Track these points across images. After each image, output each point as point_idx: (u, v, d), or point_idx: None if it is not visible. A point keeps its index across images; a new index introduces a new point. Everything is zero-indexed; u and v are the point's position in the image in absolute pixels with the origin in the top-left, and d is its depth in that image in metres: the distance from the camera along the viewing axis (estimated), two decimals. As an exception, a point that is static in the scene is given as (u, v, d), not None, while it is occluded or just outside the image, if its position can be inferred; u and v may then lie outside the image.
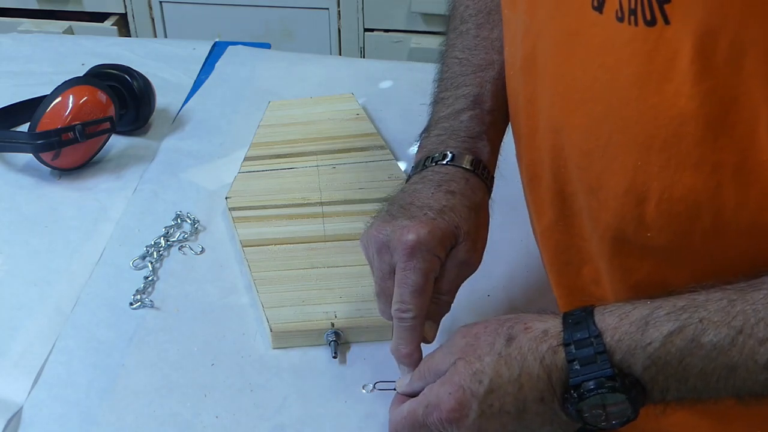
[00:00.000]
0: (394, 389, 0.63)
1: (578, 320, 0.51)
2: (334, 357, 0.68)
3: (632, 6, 0.47)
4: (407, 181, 0.67)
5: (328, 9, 2.02)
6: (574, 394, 0.50)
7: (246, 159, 0.91)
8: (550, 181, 0.60)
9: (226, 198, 0.85)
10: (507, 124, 0.70)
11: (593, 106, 0.52)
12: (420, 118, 0.79)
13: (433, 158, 0.65)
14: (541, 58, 0.57)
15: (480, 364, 0.53)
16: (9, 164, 0.92)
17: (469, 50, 0.71)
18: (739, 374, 0.46)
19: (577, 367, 0.50)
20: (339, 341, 0.69)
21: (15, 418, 0.64)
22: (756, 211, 0.48)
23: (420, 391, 0.57)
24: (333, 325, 0.69)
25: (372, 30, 2.01)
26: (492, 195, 0.68)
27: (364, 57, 2.02)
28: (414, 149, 0.70)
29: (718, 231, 0.49)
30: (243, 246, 0.78)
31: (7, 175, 0.90)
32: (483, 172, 0.65)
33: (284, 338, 0.70)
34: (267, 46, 1.22)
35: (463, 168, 0.64)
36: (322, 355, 0.69)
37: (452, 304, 0.64)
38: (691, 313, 0.48)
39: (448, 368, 0.55)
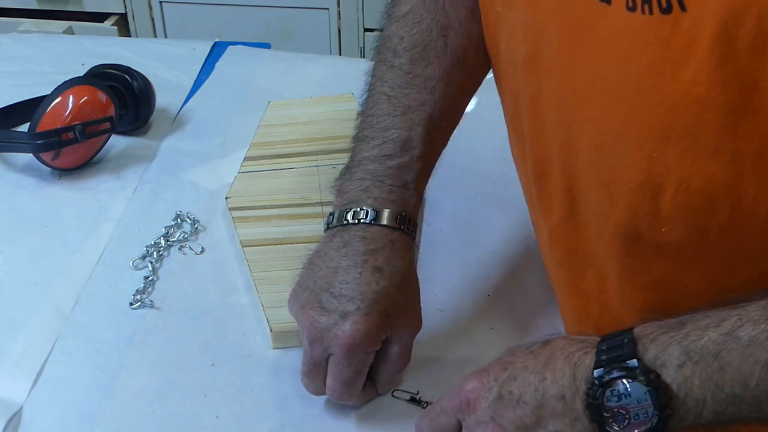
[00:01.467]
0: (408, 400, 0.64)
1: (617, 332, 0.50)
2: (334, 357, 0.68)
3: None
4: (325, 229, 0.66)
5: (328, 9, 2.02)
6: (596, 384, 0.48)
7: (246, 159, 0.91)
8: (559, 177, 0.58)
9: (226, 198, 0.85)
10: (433, 167, 0.69)
11: (605, 98, 0.51)
12: (420, 118, 0.79)
13: (354, 212, 0.63)
14: (546, 54, 0.56)
15: (510, 357, 0.53)
16: (9, 164, 0.92)
17: (400, 88, 0.67)
18: None
19: (603, 357, 0.48)
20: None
21: (15, 418, 0.64)
22: None
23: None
24: (333, 325, 0.69)
25: (372, 30, 2.01)
26: (492, 195, 0.68)
27: (364, 57, 2.02)
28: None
29: (734, 225, 0.48)
30: (243, 246, 0.78)
31: (7, 175, 0.90)
32: (408, 227, 0.64)
33: (284, 338, 0.70)
34: (267, 46, 1.22)
35: (388, 227, 0.63)
36: (322, 355, 0.69)
37: (447, 310, 0.64)
38: (729, 311, 0.46)
39: None
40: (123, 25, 2.12)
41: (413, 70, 0.67)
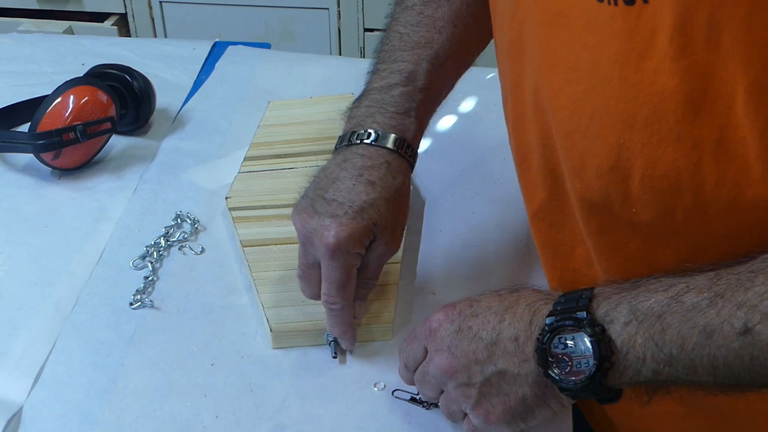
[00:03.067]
0: (409, 400, 0.64)
1: (579, 290, 0.53)
2: (334, 357, 0.68)
3: None
4: (333, 152, 0.69)
5: (328, 9, 2.02)
6: (546, 329, 0.51)
7: (246, 159, 0.91)
8: (540, 162, 0.61)
9: (226, 198, 0.85)
10: (439, 102, 0.73)
11: (576, 86, 0.53)
12: (420, 118, 0.79)
13: (358, 134, 0.68)
14: (527, 41, 0.58)
15: (479, 297, 0.57)
16: (9, 164, 0.92)
17: (411, 26, 0.73)
18: (714, 341, 0.46)
19: (558, 308, 0.52)
20: (339, 341, 0.69)
21: (15, 418, 0.64)
22: (735, 188, 0.49)
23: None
24: (333, 325, 0.69)
25: (372, 30, 2.01)
26: (492, 195, 0.69)
27: (364, 57, 2.02)
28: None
29: (699, 208, 0.50)
30: (243, 246, 0.78)
31: (7, 175, 0.90)
32: (406, 151, 0.68)
33: (284, 338, 0.70)
34: (267, 46, 1.22)
35: (386, 148, 0.67)
36: (322, 355, 0.69)
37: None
38: (680, 278, 0.49)
39: None
40: (123, 25, 2.12)
41: (424, 11, 0.73)
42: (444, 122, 0.99)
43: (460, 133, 0.98)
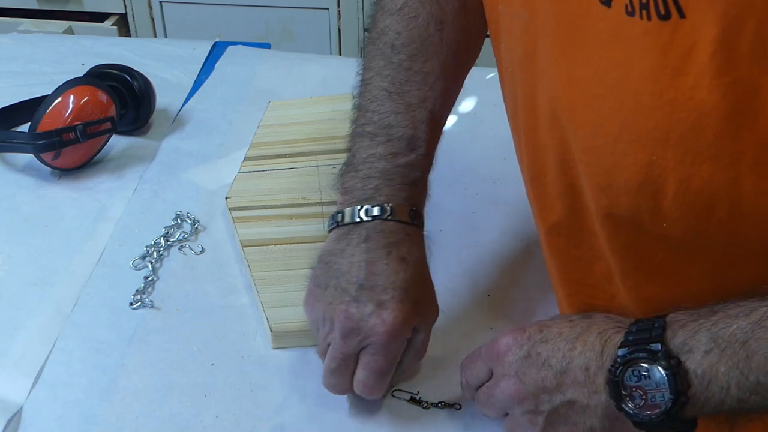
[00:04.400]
0: (409, 400, 0.64)
1: (652, 317, 0.51)
2: (334, 357, 0.68)
3: (643, 0, 0.47)
4: (332, 228, 0.66)
5: (328, 9, 2.02)
6: (619, 361, 0.50)
7: (246, 159, 0.91)
8: (556, 176, 0.59)
9: (226, 198, 0.85)
10: (432, 164, 0.69)
11: (602, 102, 0.52)
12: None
13: (367, 209, 0.64)
14: (541, 54, 0.57)
15: (550, 322, 0.56)
16: (9, 164, 0.92)
17: (401, 84, 0.68)
18: None
19: (630, 338, 0.50)
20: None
21: (15, 418, 0.64)
22: None
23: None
24: (333, 325, 0.69)
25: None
26: (492, 195, 0.68)
27: (363, 57, 2.02)
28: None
29: (734, 221, 0.49)
30: (243, 246, 0.78)
31: (7, 175, 0.90)
32: (419, 221, 0.66)
33: (284, 338, 0.70)
34: (267, 46, 1.22)
35: (403, 222, 0.64)
36: (322, 355, 0.69)
37: (447, 310, 0.66)
38: (760, 301, 0.47)
39: None
40: (123, 25, 2.12)
41: (413, 66, 0.68)
42: (444, 122, 0.99)
43: (460, 133, 0.98)
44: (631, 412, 0.50)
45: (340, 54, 2.05)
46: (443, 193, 0.87)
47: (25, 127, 0.90)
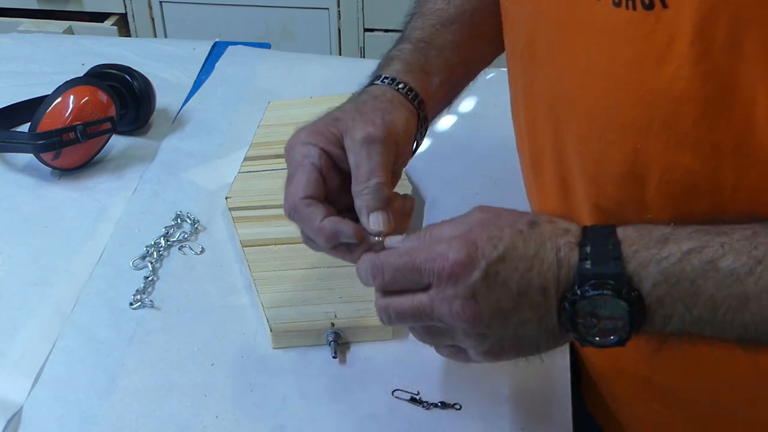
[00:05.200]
0: (409, 400, 0.64)
1: (600, 229, 0.50)
2: (334, 357, 0.68)
3: None
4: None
5: (328, 9, 2.02)
6: (577, 291, 0.48)
7: (246, 159, 0.91)
8: (552, 167, 0.60)
9: (226, 198, 0.85)
10: (456, 63, 0.70)
11: (591, 91, 0.53)
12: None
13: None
14: (541, 45, 0.58)
15: (499, 232, 0.51)
16: (9, 164, 0.92)
17: (422, 4, 0.74)
18: (750, 308, 0.45)
19: (588, 266, 0.49)
20: (339, 341, 0.69)
21: (15, 418, 0.64)
22: (753, 193, 0.49)
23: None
24: (333, 325, 0.69)
25: (372, 30, 2.01)
26: (492, 195, 0.68)
27: (364, 57, 2.02)
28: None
29: (716, 213, 0.49)
30: (243, 246, 0.78)
31: (7, 175, 0.90)
32: (385, 80, 0.66)
33: (284, 338, 0.70)
34: (267, 46, 1.22)
35: (392, 88, 0.65)
36: (322, 355, 0.69)
37: None
38: (713, 236, 0.47)
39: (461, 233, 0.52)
40: (123, 25, 2.13)
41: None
42: (444, 122, 0.98)
43: (460, 133, 0.98)
44: (582, 335, 0.49)
45: (340, 54, 2.05)
46: (443, 193, 0.87)
47: (25, 127, 0.90)
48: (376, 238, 0.58)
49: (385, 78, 0.65)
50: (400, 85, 0.65)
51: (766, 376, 0.57)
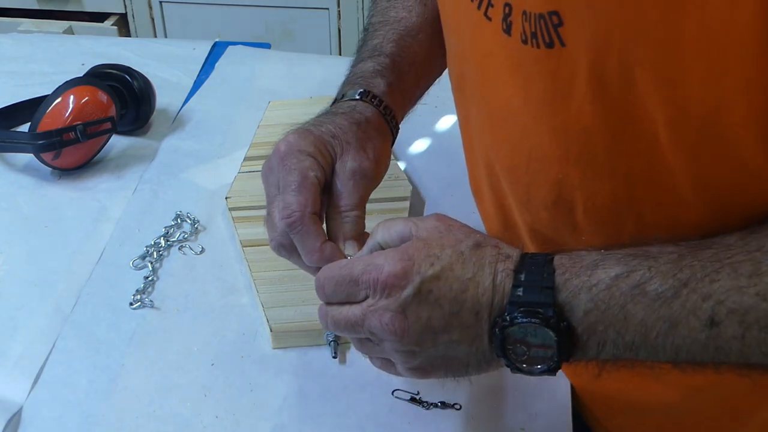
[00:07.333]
0: (409, 400, 0.64)
1: (538, 257, 0.50)
2: (334, 357, 0.68)
3: (532, 29, 0.50)
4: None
5: (328, 9, 2.02)
6: (507, 318, 0.49)
7: (246, 159, 0.91)
8: (489, 194, 0.62)
9: (226, 198, 0.85)
10: (416, 71, 0.72)
11: (512, 124, 0.55)
12: (420, 118, 0.79)
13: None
14: (468, 79, 0.60)
15: (439, 251, 0.51)
16: (9, 164, 0.92)
17: (382, 13, 0.76)
18: (679, 331, 0.46)
19: (520, 293, 0.49)
20: (339, 341, 0.69)
21: (15, 418, 0.64)
22: (671, 214, 0.50)
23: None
24: (333, 325, 0.69)
25: (372, 30, 2.01)
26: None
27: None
28: (412, 149, 0.71)
29: (642, 234, 0.50)
30: (243, 246, 0.78)
31: (7, 175, 0.90)
32: (373, 100, 0.66)
33: (284, 338, 0.70)
34: (267, 46, 1.22)
35: (353, 100, 0.66)
36: (322, 355, 0.69)
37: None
38: (641, 260, 0.47)
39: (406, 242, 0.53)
40: (123, 25, 2.13)
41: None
42: (444, 122, 0.98)
43: (460, 133, 0.98)
44: (510, 362, 0.50)
45: (340, 54, 2.06)
46: (443, 193, 0.87)
47: (25, 127, 0.91)
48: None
49: (374, 98, 0.66)
50: (386, 111, 0.67)
51: (757, 389, 0.56)
